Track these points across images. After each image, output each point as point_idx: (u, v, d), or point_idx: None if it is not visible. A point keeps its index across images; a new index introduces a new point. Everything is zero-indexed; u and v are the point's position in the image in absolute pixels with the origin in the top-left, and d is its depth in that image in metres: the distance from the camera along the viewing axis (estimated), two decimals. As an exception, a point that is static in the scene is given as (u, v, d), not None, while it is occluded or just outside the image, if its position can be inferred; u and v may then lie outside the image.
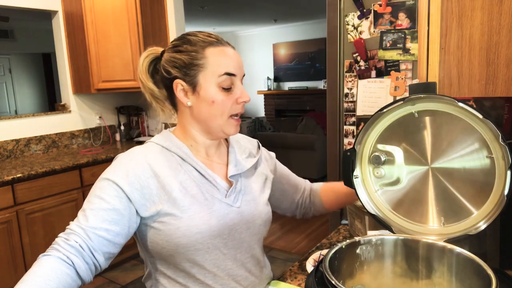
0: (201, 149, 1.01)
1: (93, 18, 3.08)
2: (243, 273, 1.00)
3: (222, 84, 0.93)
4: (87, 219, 0.85)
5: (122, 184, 0.88)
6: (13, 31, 6.59)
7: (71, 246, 0.82)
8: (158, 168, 0.92)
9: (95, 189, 0.90)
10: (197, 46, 0.94)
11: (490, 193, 0.81)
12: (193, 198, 0.93)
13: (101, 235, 0.85)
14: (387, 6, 1.88)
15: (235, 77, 0.95)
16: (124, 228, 0.88)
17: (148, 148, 0.97)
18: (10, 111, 7.08)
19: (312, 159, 5.25)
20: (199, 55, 0.93)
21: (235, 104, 0.95)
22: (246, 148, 1.11)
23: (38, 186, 2.55)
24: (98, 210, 0.86)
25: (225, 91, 0.94)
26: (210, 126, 0.97)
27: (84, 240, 0.83)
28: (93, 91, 3.19)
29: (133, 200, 0.89)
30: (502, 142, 0.77)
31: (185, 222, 0.90)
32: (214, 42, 0.95)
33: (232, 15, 6.37)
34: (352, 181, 0.96)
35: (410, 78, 1.89)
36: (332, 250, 0.76)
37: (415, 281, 0.81)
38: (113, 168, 0.92)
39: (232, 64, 0.94)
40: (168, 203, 0.91)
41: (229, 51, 0.96)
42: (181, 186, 0.93)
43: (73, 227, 0.86)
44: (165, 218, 0.91)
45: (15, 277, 2.46)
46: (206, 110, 0.94)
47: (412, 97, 0.87)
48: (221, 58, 0.94)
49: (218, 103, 0.93)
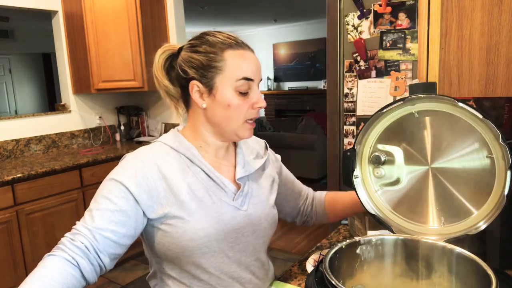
0: (210, 150, 1.00)
1: (93, 18, 3.08)
2: (247, 276, 0.99)
3: (239, 88, 0.91)
4: (93, 220, 0.84)
5: (130, 185, 0.87)
6: (13, 31, 6.59)
7: (76, 247, 0.81)
8: (166, 170, 0.91)
9: (102, 189, 0.89)
10: (216, 48, 0.91)
11: (490, 193, 0.81)
12: (201, 201, 0.92)
13: (107, 237, 0.84)
14: (387, 6, 1.88)
15: (252, 82, 0.93)
16: (130, 230, 0.87)
17: (156, 148, 0.96)
18: (10, 111, 7.08)
19: (312, 159, 5.25)
20: (217, 57, 0.91)
21: (251, 109, 0.94)
22: (253, 149, 1.10)
23: (38, 186, 2.55)
24: (104, 211, 0.85)
25: (241, 95, 0.92)
26: (224, 129, 0.95)
27: (90, 241, 0.83)
28: (93, 91, 3.19)
29: (140, 202, 0.88)
30: (502, 142, 0.77)
31: (192, 225, 0.89)
32: (234, 44, 0.92)
33: (232, 15, 6.37)
34: (352, 181, 0.96)
35: (410, 78, 1.89)
36: (332, 250, 0.76)
37: (415, 281, 0.81)
38: (121, 168, 0.90)
39: (250, 68, 0.92)
40: (176, 206, 0.90)
41: (249, 55, 0.94)
42: (189, 189, 0.92)
43: (79, 227, 0.85)
44: (172, 220, 0.90)
45: (15, 277, 2.46)
46: (221, 113, 0.93)
47: (412, 97, 0.87)
48: (240, 61, 0.91)
49: (233, 107, 0.92)
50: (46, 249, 2.60)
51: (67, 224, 2.71)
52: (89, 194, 2.83)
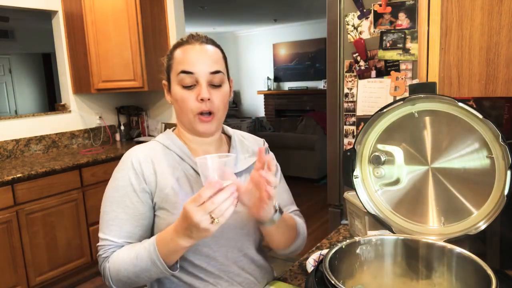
0: (197, 147, 1.05)
1: (93, 18, 3.08)
2: (236, 270, 1.01)
3: (181, 82, 0.97)
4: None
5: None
6: (13, 31, 6.59)
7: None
8: (158, 166, 0.99)
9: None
10: (172, 48, 1.01)
11: (490, 193, 0.81)
12: (187, 196, 0.96)
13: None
14: (387, 6, 1.88)
15: (194, 75, 0.96)
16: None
17: (152, 145, 1.04)
18: (10, 111, 7.08)
19: (312, 159, 5.25)
20: (170, 56, 1.01)
21: (196, 102, 0.97)
22: (249, 148, 1.12)
23: (38, 186, 2.55)
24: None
25: (186, 89, 0.97)
26: (184, 123, 1.02)
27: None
28: (93, 91, 3.19)
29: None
30: (502, 142, 0.77)
31: (176, 218, 0.91)
32: (184, 42, 1.00)
33: (232, 15, 6.37)
34: (352, 181, 0.96)
35: (410, 78, 1.88)
36: (332, 250, 0.76)
37: (415, 281, 0.81)
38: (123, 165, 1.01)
39: (190, 61, 0.96)
40: (160, 198, 0.97)
41: (192, 48, 0.98)
42: (176, 184, 0.98)
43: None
44: (160, 212, 0.98)
45: (15, 277, 2.46)
46: (176, 107, 1.01)
47: (412, 97, 0.87)
48: (182, 57, 0.98)
49: (180, 101, 0.98)
50: (46, 249, 2.61)
51: (67, 224, 2.71)
52: (89, 194, 2.83)
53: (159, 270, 0.88)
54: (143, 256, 0.88)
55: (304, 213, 1.22)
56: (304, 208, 4.34)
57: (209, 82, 0.97)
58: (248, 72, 8.30)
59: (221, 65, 1.00)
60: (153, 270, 0.88)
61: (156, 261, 0.87)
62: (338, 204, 2.16)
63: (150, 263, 0.87)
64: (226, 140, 1.12)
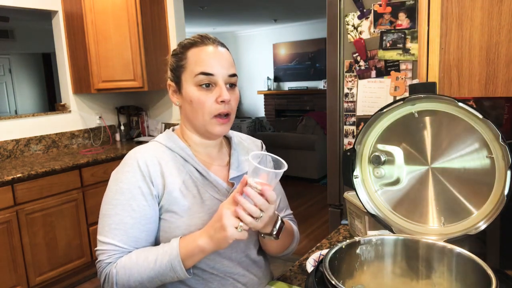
0: (201, 150, 1.03)
1: (93, 18, 3.08)
2: (241, 271, 1.02)
3: (199, 83, 0.95)
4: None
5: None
6: (13, 31, 6.59)
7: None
8: (165, 168, 0.96)
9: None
10: (183, 48, 0.98)
11: (490, 193, 0.81)
12: (194, 199, 0.96)
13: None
14: (387, 6, 1.88)
15: (213, 77, 0.95)
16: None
17: (155, 147, 1.00)
18: (10, 111, 7.08)
19: (312, 159, 5.25)
20: (182, 57, 0.98)
21: (216, 103, 0.95)
22: (249, 149, 1.12)
23: (38, 186, 2.55)
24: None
25: (204, 90, 0.95)
26: (195, 125, 0.99)
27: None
28: (93, 91, 3.19)
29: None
30: (502, 142, 0.77)
31: (184, 221, 0.94)
32: (198, 42, 0.97)
33: (232, 15, 6.37)
34: (352, 181, 0.96)
35: (410, 78, 1.88)
36: (332, 250, 0.76)
37: (415, 281, 0.81)
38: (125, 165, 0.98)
39: (210, 63, 0.95)
40: (168, 201, 0.95)
41: (210, 49, 0.96)
42: (183, 186, 0.96)
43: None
44: (167, 215, 0.95)
45: (15, 277, 2.46)
46: (189, 109, 0.98)
47: (412, 97, 0.87)
48: (199, 57, 0.95)
49: (196, 102, 0.96)
50: (46, 249, 2.61)
51: (67, 224, 2.71)
52: (89, 194, 2.83)
53: (176, 275, 0.87)
54: (162, 260, 0.87)
55: (304, 213, 1.23)
56: (304, 208, 4.35)
57: (227, 84, 0.97)
58: (248, 72, 8.30)
59: (235, 68, 1.00)
60: (169, 275, 0.88)
61: (177, 266, 0.86)
62: (338, 204, 2.16)
63: (170, 268, 0.87)
64: (225, 142, 1.12)
